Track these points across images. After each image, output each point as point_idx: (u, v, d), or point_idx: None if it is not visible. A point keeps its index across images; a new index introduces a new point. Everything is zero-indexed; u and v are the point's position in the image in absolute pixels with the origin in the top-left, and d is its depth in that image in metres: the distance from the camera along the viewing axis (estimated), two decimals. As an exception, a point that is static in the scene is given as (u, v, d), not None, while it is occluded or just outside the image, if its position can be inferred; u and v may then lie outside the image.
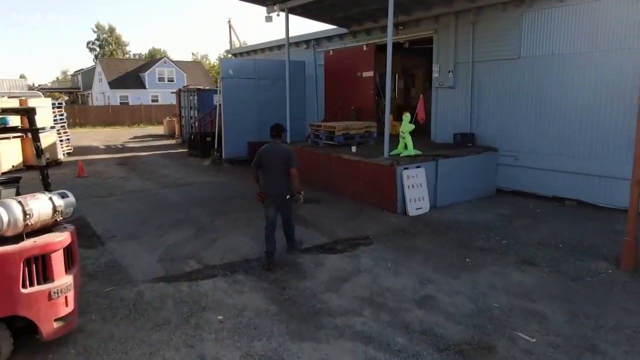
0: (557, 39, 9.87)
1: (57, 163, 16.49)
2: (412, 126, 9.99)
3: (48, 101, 17.15)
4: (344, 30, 14.93)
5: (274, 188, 6.75)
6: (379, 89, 14.98)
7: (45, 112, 16.30)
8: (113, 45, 79.47)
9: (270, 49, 18.74)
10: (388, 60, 9.54)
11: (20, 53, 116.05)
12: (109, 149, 22.04)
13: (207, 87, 22.88)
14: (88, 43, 79.27)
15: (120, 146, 23.53)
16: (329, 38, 15.84)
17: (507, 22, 10.69)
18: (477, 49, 11.35)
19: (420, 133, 13.97)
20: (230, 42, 22.07)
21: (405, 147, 10.13)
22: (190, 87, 24.91)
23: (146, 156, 19.24)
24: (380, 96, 15.02)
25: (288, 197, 6.75)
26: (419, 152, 10.09)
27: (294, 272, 6.50)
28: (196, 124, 21.81)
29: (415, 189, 9.53)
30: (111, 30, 79.75)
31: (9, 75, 68.39)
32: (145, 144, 24.68)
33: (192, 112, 22.68)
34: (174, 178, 13.70)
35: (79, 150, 20.74)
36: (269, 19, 12.73)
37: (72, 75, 72.83)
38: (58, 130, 18.75)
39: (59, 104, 19.28)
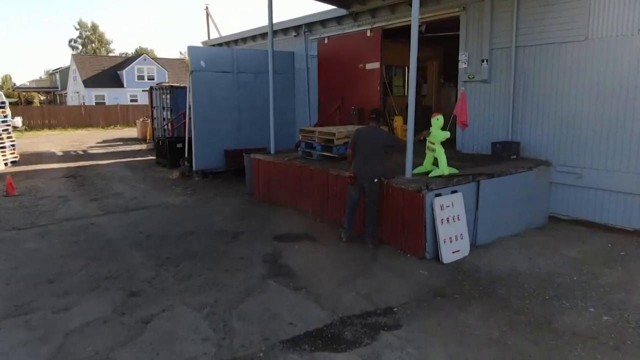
0: (645, 12, 7.07)
1: (-11, 176, 13.44)
2: (447, 134, 7.14)
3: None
4: (342, 12, 12.01)
5: (364, 170, 6.79)
6: (387, 85, 12.15)
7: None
8: (96, 43, 76.28)
9: (254, 38, 15.79)
10: (412, 44, 6.69)
11: (7, 52, 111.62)
12: (66, 157, 18.92)
13: (182, 85, 19.83)
14: (70, 41, 76.13)
15: (82, 152, 20.41)
16: (323, 22, 12.92)
17: (567, -9, 7.88)
18: (523, 30, 8.51)
19: (446, 142, 11.16)
20: (208, 31, 19.11)
21: (435, 162, 7.29)
22: (163, 84, 21.87)
23: (106, 165, 16.19)
24: (387, 94, 12.19)
25: (375, 180, 6.74)
26: (455, 171, 7.24)
27: (272, 404, 3.58)
28: (169, 127, 18.79)
29: (451, 224, 6.66)
30: (94, 27, 76.61)
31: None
32: (111, 149, 21.58)
33: (164, 112, 19.64)
34: (127, 198, 10.71)
35: (27, 159, 17.67)
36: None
37: (51, 74, 69.35)
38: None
39: (1, 103, 16.16)
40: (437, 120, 7.08)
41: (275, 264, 6.38)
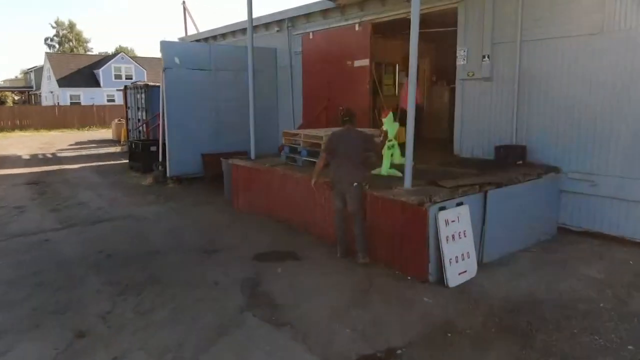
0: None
1: (-58, 183, 12.23)
2: (396, 125, 7.07)
3: None
4: (328, 4, 11.12)
5: (343, 175, 6.14)
6: (377, 84, 11.31)
7: None
8: (73, 42, 74.24)
9: (233, 33, 14.83)
10: (412, 39, 5.87)
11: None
12: (33, 160, 17.70)
13: (157, 84, 18.72)
14: (46, 39, 74.03)
15: (50, 156, 19.17)
16: (307, 16, 12.02)
17: (578, -21, 7.11)
18: (528, 23, 7.74)
19: (440, 145, 10.39)
20: (186, 27, 18.06)
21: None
22: (138, 83, 20.73)
23: (75, 170, 15.05)
24: (378, 93, 11.35)
25: (355, 184, 6.06)
26: (399, 174, 6.79)
27: None
28: (144, 128, 17.69)
29: (457, 242, 5.83)
30: (71, 26, 74.64)
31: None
32: (83, 152, 20.36)
33: (139, 113, 18.49)
34: (92, 208, 9.66)
35: (-10, 163, 16.44)
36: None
37: (25, 73, 67.17)
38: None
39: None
40: (389, 118, 6.85)
41: (255, 291, 5.46)
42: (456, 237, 5.83)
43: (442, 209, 5.73)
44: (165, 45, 11.38)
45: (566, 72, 7.38)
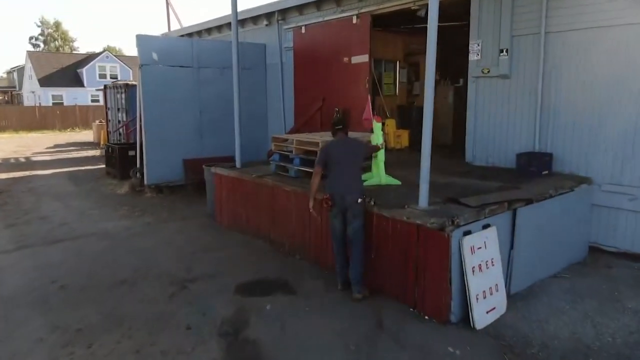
0: None
1: None
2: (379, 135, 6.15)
3: None
4: (322, -5, 10.09)
5: (345, 190, 5.20)
6: (376, 82, 10.28)
7: None
8: (59, 41, 72.59)
9: (219, 28, 13.71)
10: (431, 29, 4.83)
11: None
12: (2, 165, 16.36)
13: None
14: (31, 38, 72.33)
15: (24, 160, 17.87)
16: (300, 8, 10.92)
17: (616, -40, 6.11)
18: (556, 11, 6.73)
19: (446, 151, 9.36)
20: (169, 22, 16.90)
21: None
22: (119, 82, 19.53)
23: (46, 176, 13.81)
24: (377, 92, 10.32)
25: (360, 200, 5.16)
26: (396, 182, 6.27)
27: None
28: (124, 131, 16.52)
29: (485, 273, 4.80)
30: (57, 24, 73.01)
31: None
32: (61, 155, 19.08)
33: (119, 114, 17.32)
34: (55, 223, 8.49)
35: (-46, 168, 15.14)
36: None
37: (8, 73, 65.40)
38: None
39: None
40: (378, 127, 6.19)
41: (237, 340, 4.37)
42: (483, 267, 4.80)
43: (466, 233, 4.69)
44: (141, 40, 10.21)
45: (599, 67, 6.37)
